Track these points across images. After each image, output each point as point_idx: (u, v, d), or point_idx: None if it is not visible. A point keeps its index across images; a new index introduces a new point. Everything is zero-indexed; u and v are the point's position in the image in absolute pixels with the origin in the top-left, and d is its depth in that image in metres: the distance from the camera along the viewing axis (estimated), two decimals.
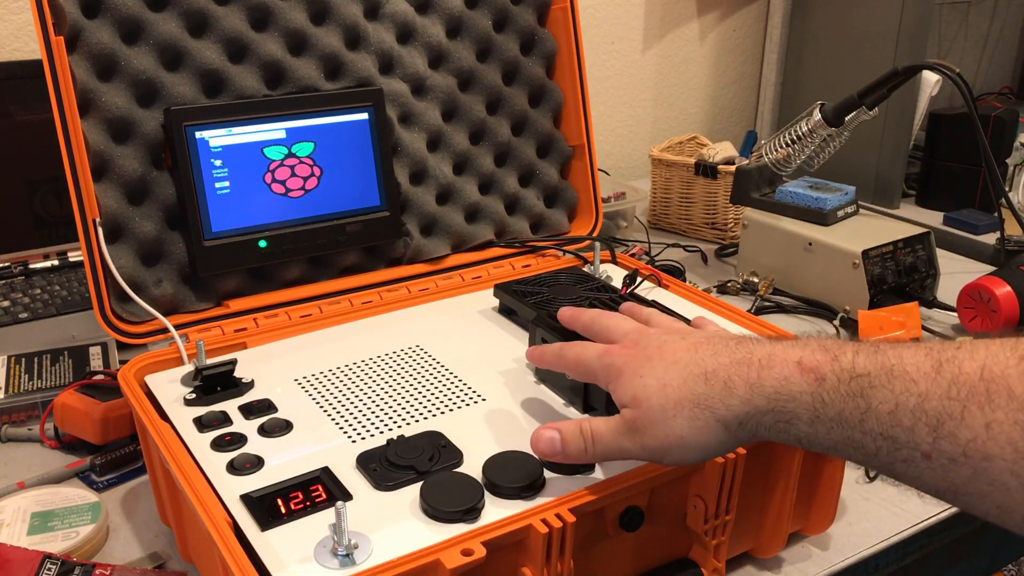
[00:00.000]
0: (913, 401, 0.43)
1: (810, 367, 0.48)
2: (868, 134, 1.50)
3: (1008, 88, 2.09)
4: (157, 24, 0.85)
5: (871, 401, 0.45)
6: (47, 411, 0.88)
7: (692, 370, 0.53)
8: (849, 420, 0.46)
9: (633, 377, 0.55)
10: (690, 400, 0.52)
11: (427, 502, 0.57)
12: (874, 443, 0.45)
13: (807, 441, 0.49)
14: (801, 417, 0.48)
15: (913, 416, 0.43)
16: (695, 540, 0.67)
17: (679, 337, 0.57)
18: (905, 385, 0.44)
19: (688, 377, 0.53)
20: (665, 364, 0.54)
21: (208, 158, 0.85)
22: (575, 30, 1.05)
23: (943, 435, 0.42)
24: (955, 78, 1.11)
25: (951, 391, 0.42)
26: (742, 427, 0.51)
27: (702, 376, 0.52)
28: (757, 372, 0.50)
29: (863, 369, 0.46)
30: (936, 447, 0.42)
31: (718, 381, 0.51)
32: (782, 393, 0.49)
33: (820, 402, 0.47)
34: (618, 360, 0.57)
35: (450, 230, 0.99)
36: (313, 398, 0.72)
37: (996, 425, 0.40)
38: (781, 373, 0.49)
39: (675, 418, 0.52)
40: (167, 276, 0.86)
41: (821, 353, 0.48)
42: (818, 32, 1.75)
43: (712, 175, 1.43)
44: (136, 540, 0.76)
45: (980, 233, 1.47)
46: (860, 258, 1.12)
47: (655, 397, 0.53)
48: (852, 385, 0.46)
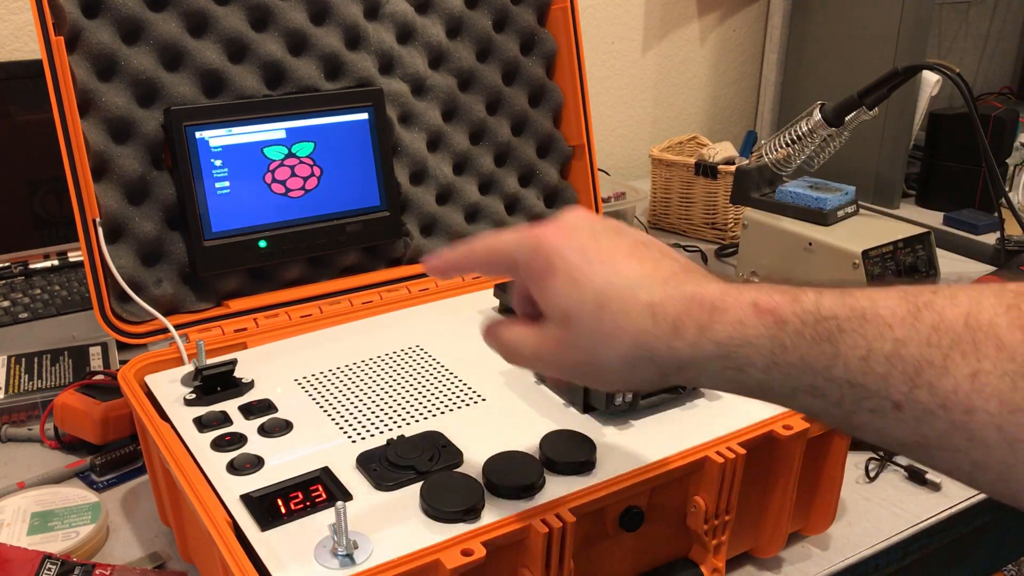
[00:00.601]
0: (889, 347, 0.39)
1: (767, 308, 0.43)
2: (868, 134, 1.50)
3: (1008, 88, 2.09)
4: (157, 24, 0.85)
5: (839, 346, 0.40)
6: (47, 411, 0.88)
7: (638, 295, 0.46)
8: (813, 366, 0.41)
9: (568, 282, 0.47)
10: (630, 334, 0.45)
11: (427, 502, 0.57)
12: (838, 391, 0.41)
13: (758, 389, 0.44)
14: (755, 363, 0.43)
15: (888, 363, 0.39)
16: (695, 540, 0.67)
17: (612, 231, 0.49)
18: (879, 330, 0.40)
19: (632, 305, 0.46)
20: (606, 273, 0.47)
21: (208, 158, 0.85)
22: (575, 30, 1.05)
23: (920, 384, 0.38)
24: (955, 78, 1.11)
25: (932, 338, 0.38)
26: (681, 372, 0.46)
27: (648, 309, 0.45)
28: (708, 314, 0.44)
29: (829, 311, 0.41)
30: (911, 397, 0.39)
31: (666, 319, 0.45)
32: (735, 337, 0.43)
33: (780, 347, 0.42)
34: (547, 243, 0.48)
35: (450, 230, 0.99)
36: (313, 398, 0.72)
37: (983, 375, 0.37)
38: (735, 316, 0.44)
39: (608, 349, 0.46)
40: (167, 276, 0.86)
41: (779, 294, 0.43)
42: (818, 32, 1.75)
43: (712, 175, 1.43)
44: (136, 540, 0.76)
45: (980, 233, 1.47)
46: (860, 258, 1.12)
47: (588, 320, 0.46)
48: (818, 328, 0.41)
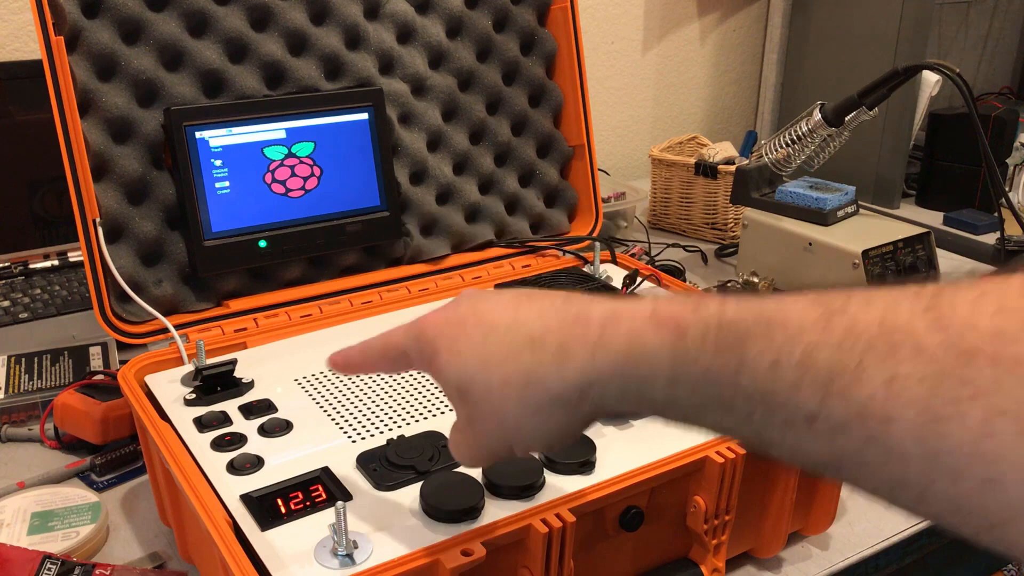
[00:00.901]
0: (798, 353, 0.35)
1: (666, 317, 0.40)
2: (868, 134, 1.50)
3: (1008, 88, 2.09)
4: (157, 24, 0.85)
5: (745, 354, 0.37)
6: (47, 411, 0.88)
7: (515, 336, 0.43)
8: (718, 378, 0.38)
9: (451, 357, 0.46)
10: (518, 375, 0.43)
11: (427, 502, 0.57)
12: (747, 404, 0.37)
13: (664, 408, 0.41)
14: (657, 380, 0.40)
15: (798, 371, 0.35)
16: (695, 540, 0.67)
17: (492, 293, 0.48)
18: (787, 335, 0.36)
19: (511, 347, 0.43)
20: (482, 331, 0.45)
21: (208, 158, 0.85)
22: (575, 30, 1.05)
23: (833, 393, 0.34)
24: (955, 78, 1.11)
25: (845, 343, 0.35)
26: (583, 400, 0.42)
27: (527, 343, 0.43)
28: (599, 331, 0.41)
29: (733, 318, 0.38)
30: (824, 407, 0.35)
31: (548, 347, 0.42)
32: (632, 352, 0.40)
33: (682, 359, 0.39)
34: (429, 329, 0.48)
35: (450, 230, 0.99)
36: (313, 398, 0.72)
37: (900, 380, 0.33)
38: (630, 328, 0.41)
39: (506, 401, 0.44)
40: (167, 276, 0.86)
41: (678, 304, 0.40)
42: (818, 32, 1.75)
43: (712, 175, 1.43)
44: (136, 540, 0.76)
45: (980, 233, 1.47)
46: (860, 258, 1.12)
47: (479, 379, 0.44)
48: (721, 336, 0.38)
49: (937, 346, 0.32)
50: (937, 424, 0.32)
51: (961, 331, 0.32)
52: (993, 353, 0.31)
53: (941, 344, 0.32)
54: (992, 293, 0.32)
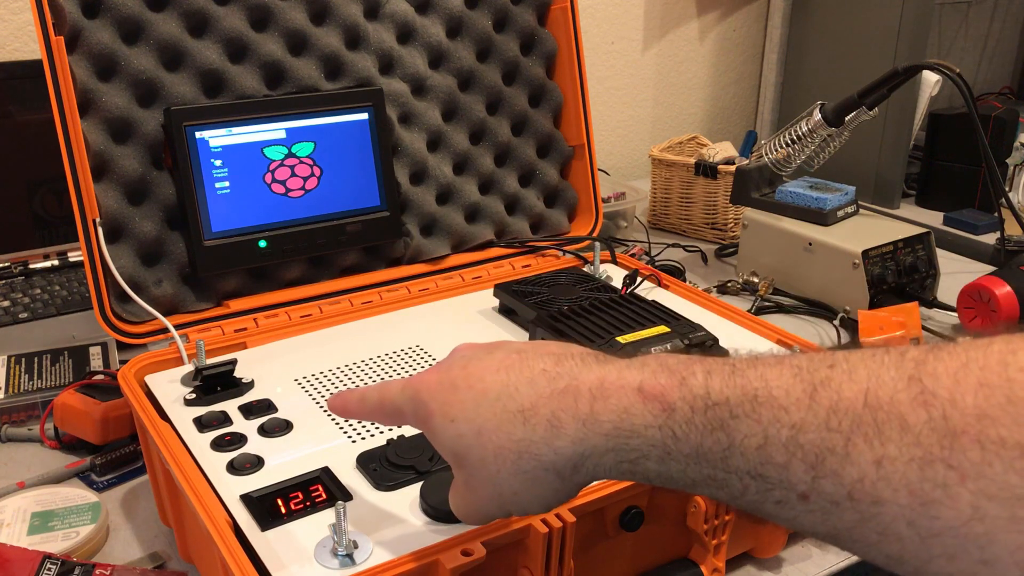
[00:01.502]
0: (786, 433, 0.36)
1: (654, 394, 0.40)
2: (868, 134, 1.50)
3: (1008, 88, 2.09)
4: (157, 24, 0.85)
5: (734, 435, 0.37)
6: (47, 411, 0.88)
7: (506, 406, 0.44)
8: (708, 457, 0.38)
9: (445, 422, 0.46)
10: (510, 448, 0.44)
11: (427, 502, 0.57)
12: (740, 482, 0.38)
13: (659, 480, 0.41)
14: (649, 455, 0.40)
15: (787, 451, 0.36)
16: (695, 540, 0.67)
17: (484, 353, 0.48)
18: (774, 414, 0.36)
19: (503, 417, 0.44)
20: (474, 397, 0.45)
21: (208, 158, 0.85)
22: (575, 30, 1.05)
23: (824, 474, 0.35)
24: (955, 78, 1.11)
25: (831, 421, 0.35)
26: (577, 471, 0.43)
27: (519, 415, 0.43)
28: (588, 405, 0.42)
29: (720, 395, 0.38)
30: (815, 487, 0.35)
31: (539, 420, 0.43)
32: (623, 428, 0.41)
33: (671, 437, 0.39)
34: (423, 391, 0.48)
35: (450, 230, 0.99)
36: (313, 398, 0.72)
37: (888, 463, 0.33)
38: (619, 404, 0.41)
39: (499, 472, 0.44)
40: (167, 276, 0.86)
41: (665, 376, 0.40)
42: (818, 32, 1.75)
43: (712, 175, 1.43)
44: (136, 540, 0.76)
45: (980, 233, 1.47)
46: (860, 258, 1.12)
47: (474, 450, 0.45)
48: (709, 416, 0.38)
49: (923, 426, 0.32)
50: (927, 507, 0.32)
51: (944, 410, 0.32)
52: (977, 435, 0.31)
53: (926, 424, 0.32)
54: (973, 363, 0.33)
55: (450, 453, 0.47)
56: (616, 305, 0.77)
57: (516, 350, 0.47)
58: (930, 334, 1.12)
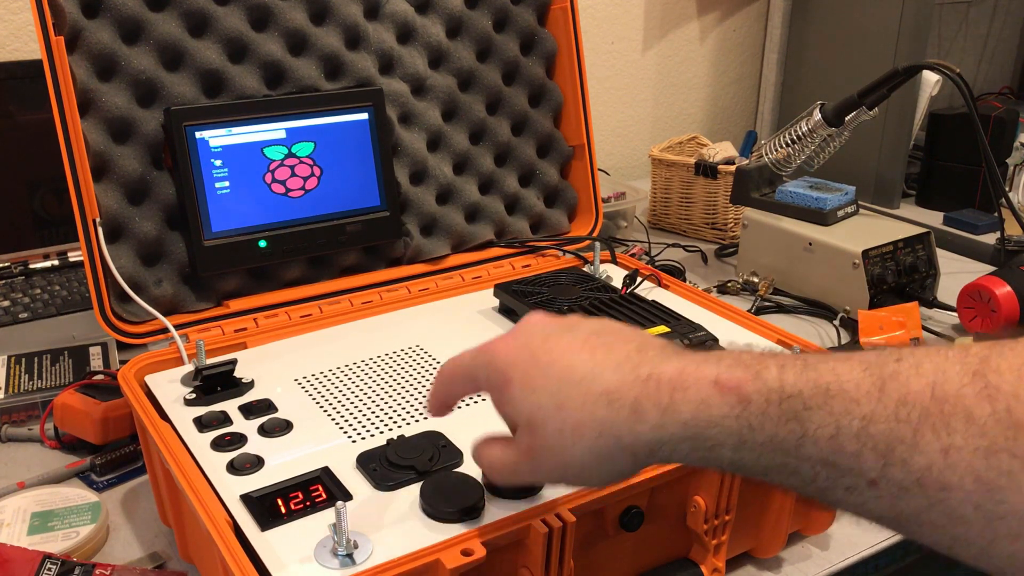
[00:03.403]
0: (857, 424, 0.38)
1: (730, 387, 0.42)
2: (868, 134, 1.50)
3: (1008, 88, 2.09)
4: (157, 24, 0.85)
5: (807, 425, 0.40)
6: (47, 411, 0.88)
7: (592, 388, 0.46)
8: (782, 446, 0.41)
9: (525, 392, 0.48)
10: (591, 426, 0.46)
11: (427, 502, 0.57)
12: (812, 470, 0.40)
13: (732, 467, 0.44)
14: (725, 444, 0.43)
15: (858, 441, 0.38)
16: (695, 540, 0.67)
17: (564, 329, 0.50)
18: (846, 406, 0.39)
19: (588, 397, 0.46)
20: (558, 373, 0.47)
21: (208, 158, 0.85)
22: (575, 30, 1.05)
23: (893, 461, 0.37)
24: (955, 78, 1.11)
25: (900, 412, 0.37)
26: (653, 455, 0.45)
27: (604, 396, 0.45)
28: (669, 395, 0.44)
29: (793, 388, 0.41)
30: (885, 474, 0.38)
31: (623, 405, 0.45)
32: (700, 418, 0.43)
33: (747, 427, 0.42)
34: (499, 358, 0.50)
35: (450, 230, 0.99)
36: (313, 398, 0.72)
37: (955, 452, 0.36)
38: (697, 395, 0.43)
39: (575, 446, 0.46)
40: (167, 276, 0.86)
41: (740, 370, 0.43)
42: (818, 32, 1.75)
43: (712, 175, 1.43)
44: (136, 540, 0.76)
45: (980, 233, 1.47)
46: (860, 258, 1.12)
47: (552, 421, 0.47)
48: (783, 407, 0.41)
49: (987, 418, 0.35)
50: (993, 493, 0.35)
51: (1008, 404, 0.35)
52: None
53: (991, 416, 0.35)
54: None
55: (524, 419, 0.49)
56: (616, 305, 0.77)
57: (594, 331, 0.49)
58: (930, 334, 1.12)
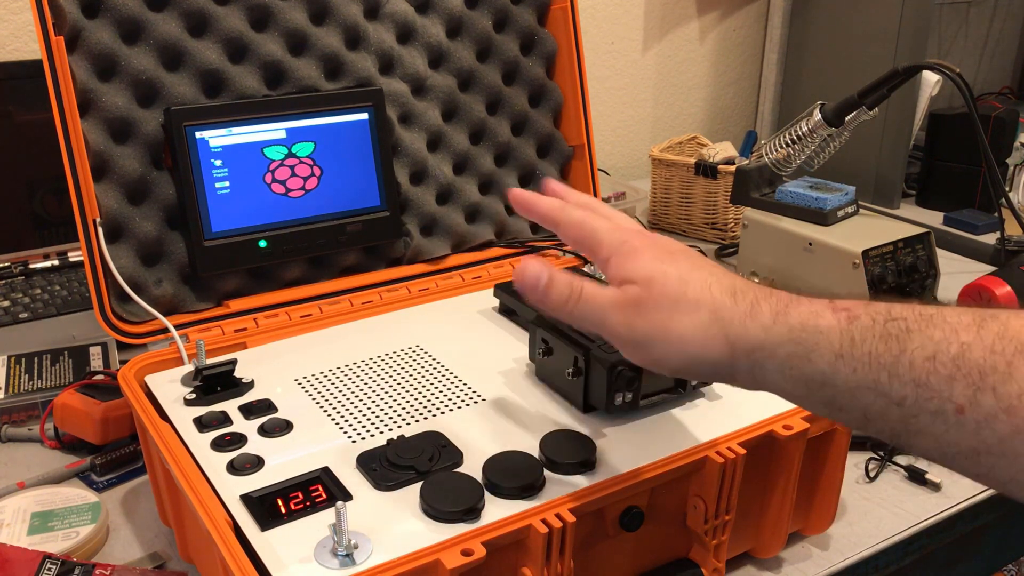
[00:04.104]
0: (955, 349, 0.41)
1: (842, 306, 0.46)
2: (868, 134, 1.50)
3: (1008, 88, 2.09)
4: (157, 24, 0.85)
5: (907, 344, 0.42)
6: (47, 411, 0.88)
7: (720, 280, 0.50)
8: (880, 361, 0.43)
9: (652, 260, 0.51)
10: (709, 305, 0.49)
11: (427, 502, 0.57)
12: (902, 389, 0.42)
13: (820, 381, 0.46)
14: (823, 352, 0.45)
15: (953, 365, 0.41)
16: (695, 540, 0.67)
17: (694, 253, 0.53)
18: (945, 333, 0.42)
19: (714, 284, 0.49)
20: (691, 264, 0.51)
21: (208, 158, 0.85)
22: (575, 30, 1.05)
23: (985, 388, 0.40)
24: (955, 78, 1.11)
25: (996, 345, 0.40)
26: (748, 356, 0.48)
27: (729, 289, 0.49)
28: (784, 304, 0.48)
29: (899, 313, 0.44)
30: (974, 400, 0.40)
31: (744, 300, 0.48)
32: (808, 325, 0.46)
33: (849, 339, 0.44)
34: (636, 240, 0.52)
35: (450, 230, 0.99)
36: (313, 398, 0.72)
37: None
38: (811, 308, 0.47)
39: (685, 315, 0.49)
40: (167, 276, 0.86)
41: (852, 299, 0.46)
42: (818, 32, 1.75)
43: (712, 175, 1.43)
44: (136, 540, 0.76)
45: (980, 233, 1.47)
46: (860, 258, 1.12)
47: (672, 286, 0.49)
48: (888, 326, 0.44)
49: None
50: None
51: None
52: None
53: None
54: None
55: (645, 275, 0.50)
56: None
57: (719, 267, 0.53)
58: None
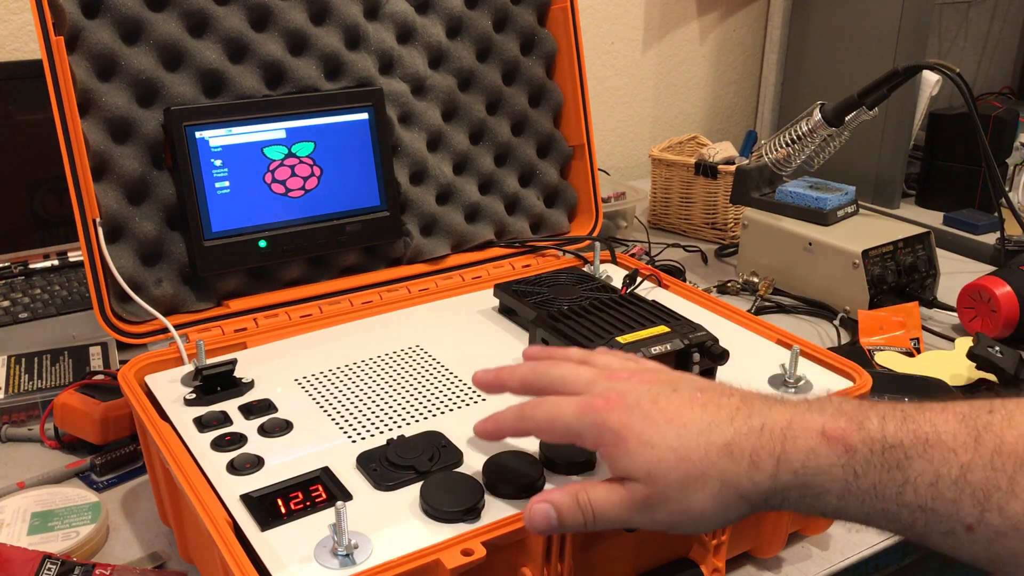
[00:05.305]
0: (955, 472, 0.42)
1: (836, 436, 0.46)
2: (868, 134, 1.50)
3: (1008, 88, 2.09)
4: (157, 24, 0.85)
5: (908, 473, 0.44)
6: (47, 411, 0.88)
7: (711, 439, 0.48)
8: (884, 493, 0.44)
9: (641, 446, 0.49)
10: (715, 476, 0.48)
11: (427, 502, 0.57)
12: (911, 515, 0.44)
13: (835, 513, 0.47)
14: (831, 490, 0.46)
15: (956, 488, 0.42)
16: (695, 540, 0.67)
17: (669, 389, 0.52)
18: (944, 455, 0.43)
19: (709, 448, 0.48)
20: (675, 428, 0.49)
21: (208, 158, 0.85)
22: (575, 30, 1.05)
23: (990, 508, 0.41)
24: (955, 78, 1.11)
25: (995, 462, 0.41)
26: (767, 502, 0.48)
27: (725, 448, 0.48)
28: (781, 444, 0.47)
29: (895, 439, 0.45)
30: (982, 520, 0.42)
31: (743, 455, 0.48)
32: (810, 467, 0.46)
33: (852, 475, 0.45)
34: (611, 420, 0.51)
35: (450, 230, 0.99)
36: (313, 398, 0.72)
37: None
38: (806, 444, 0.47)
39: (697, 493, 0.48)
40: (167, 276, 0.86)
41: (843, 420, 0.46)
42: (818, 32, 1.75)
43: (712, 175, 1.43)
44: (136, 540, 0.76)
45: (980, 233, 1.47)
46: (860, 258, 1.12)
47: (674, 472, 0.49)
48: (886, 456, 0.44)
49: None
50: None
51: None
52: None
53: None
54: None
55: (643, 472, 0.50)
56: (616, 305, 0.77)
57: (698, 388, 0.52)
58: (930, 334, 1.12)
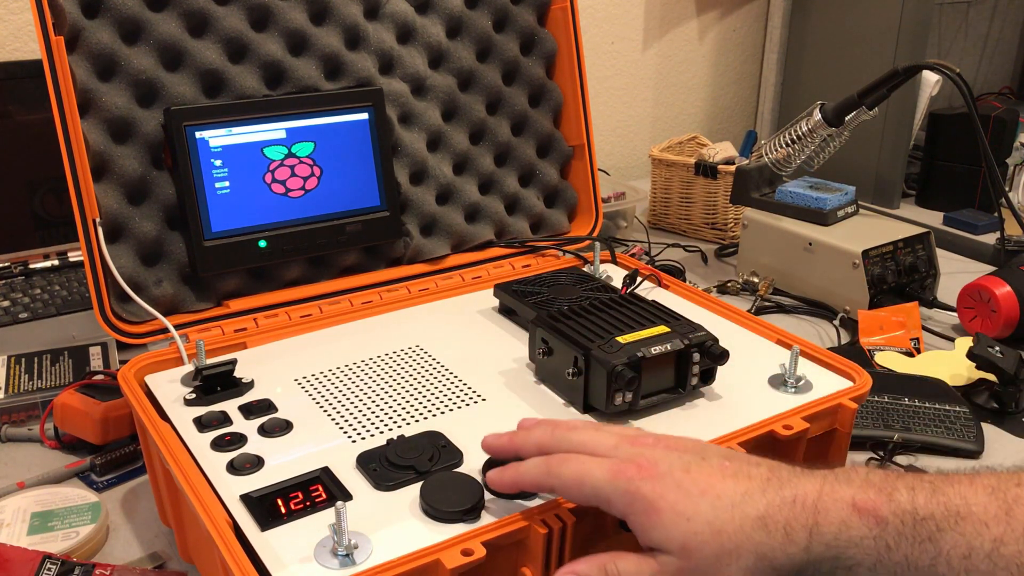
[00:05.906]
0: (988, 546, 0.43)
1: (867, 509, 0.47)
2: (868, 134, 1.50)
3: (1008, 88, 2.09)
4: (157, 24, 0.85)
5: (941, 546, 0.44)
6: (47, 411, 0.88)
7: (746, 511, 0.49)
8: (917, 564, 0.45)
9: (676, 518, 0.49)
10: (751, 550, 0.48)
11: (427, 502, 0.57)
12: None
13: None
14: (863, 563, 0.46)
15: (990, 561, 0.43)
16: None
17: (698, 458, 0.52)
18: (976, 528, 0.44)
19: (744, 522, 0.49)
20: (709, 500, 0.50)
21: (208, 158, 0.85)
22: (575, 30, 1.05)
23: None
24: (955, 78, 1.11)
25: None
26: (800, 574, 0.48)
27: (759, 521, 0.48)
28: (813, 517, 0.48)
29: (926, 511, 0.45)
30: None
31: (777, 528, 0.48)
32: (842, 539, 0.47)
33: (884, 547, 0.46)
34: (645, 489, 0.51)
35: (450, 230, 0.99)
36: (313, 398, 0.72)
37: None
38: (838, 517, 0.47)
39: (731, 567, 0.49)
40: (167, 276, 0.86)
41: (872, 491, 0.47)
42: (818, 32, 1.75)
43: (712, 175, 1.43)
44: (136, 540, 0.76)
45: (980, 233, 1.47)
46: (860, 258, 1.12)
47: (710, 546, 0.49)
48: (918, 529, 0.45)
49: None
50: None
51: None
52: None
53: None
54: None
55: (677, 545, 0.50)
56: (616, 305, 0.77)
57: (724, 456, 0.52)
58: (930, 334, 1.12)
